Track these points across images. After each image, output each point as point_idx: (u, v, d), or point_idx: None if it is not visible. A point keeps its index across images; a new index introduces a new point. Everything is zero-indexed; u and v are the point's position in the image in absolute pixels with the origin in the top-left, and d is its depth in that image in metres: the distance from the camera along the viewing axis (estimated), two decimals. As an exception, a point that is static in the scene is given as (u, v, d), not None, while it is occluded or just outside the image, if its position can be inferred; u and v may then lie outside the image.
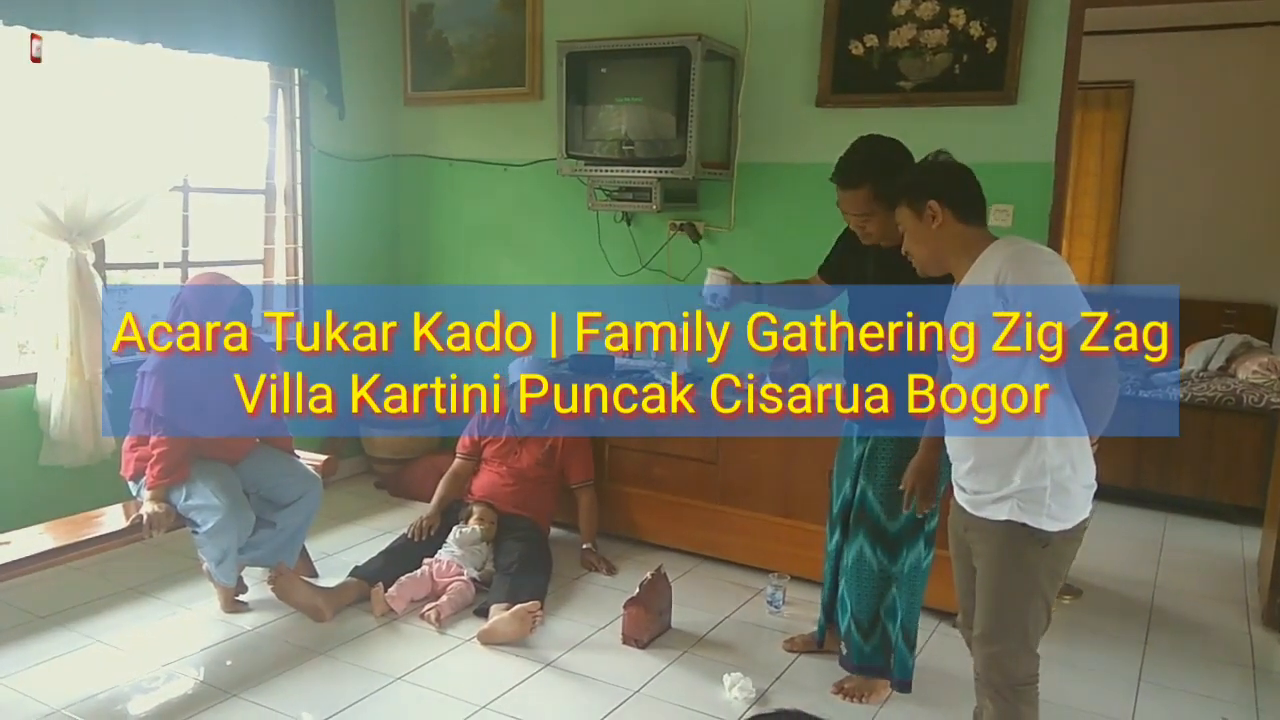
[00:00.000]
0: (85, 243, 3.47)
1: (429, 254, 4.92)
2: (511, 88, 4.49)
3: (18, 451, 3.46)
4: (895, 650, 2.75)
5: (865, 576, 2.72)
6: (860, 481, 2.71)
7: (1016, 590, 2.05)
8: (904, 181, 2.18)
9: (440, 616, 3.19)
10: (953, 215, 2.09)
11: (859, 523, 2.71)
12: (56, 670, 2.84)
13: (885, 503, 2.66)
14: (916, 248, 2.16)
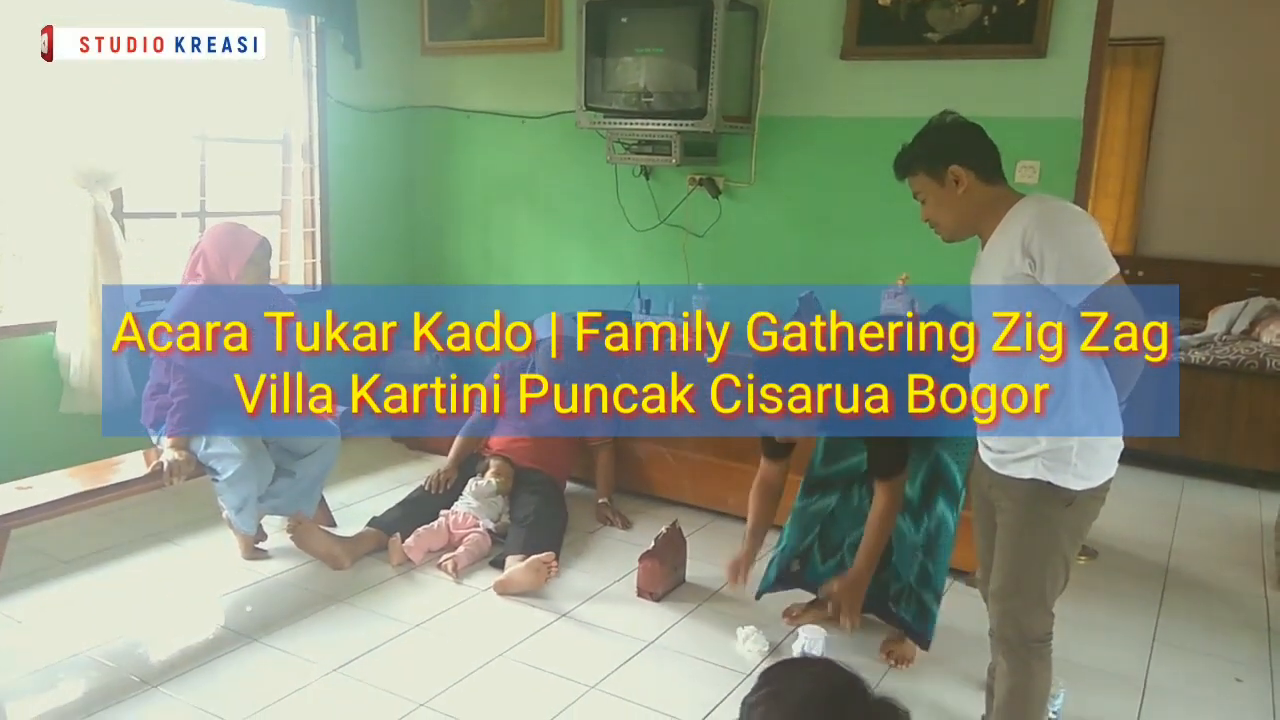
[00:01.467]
0: (103, 190, 3.46)
1: (446, 206, 4.90)
2: (530, 38, 4.42)
3: (38, 399, 3.49)
4: (927, 610, 2.73)
5: (903, 546, 2.75)
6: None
7: (1037, 547, 2.04)
8: (916, 150, 2.10)
9: (457, 567, 3.22)
10: (976, 177, 2.03)
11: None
12: (79, 614, 2.89)
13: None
14: (943, 215, 2.09)
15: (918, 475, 2.67)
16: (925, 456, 2.67)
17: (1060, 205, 1.98)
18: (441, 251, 4.95)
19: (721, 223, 4.11)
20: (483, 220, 4.80)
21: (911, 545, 2.72)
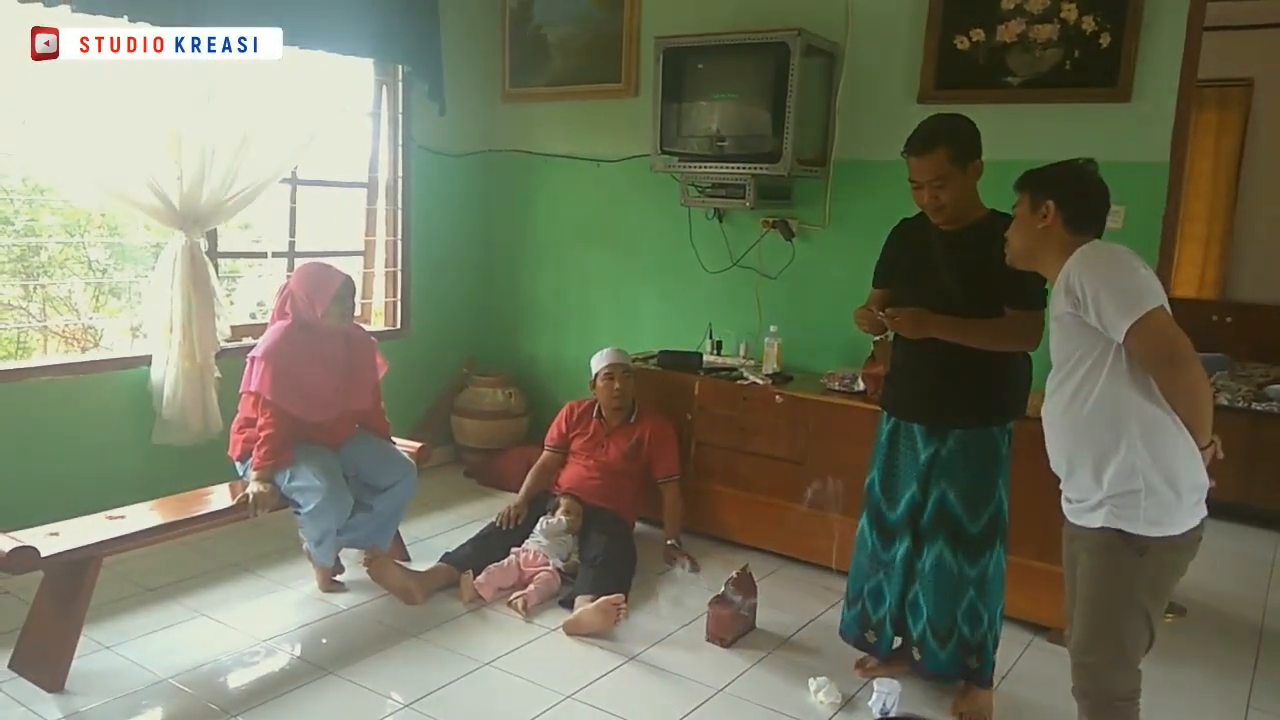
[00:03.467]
0: (199, 231, 3.62)
1: (523, 247, 4.99)
2: (607, 84, 4.52)
3: (132, 430, 3.63)
4: (985, 653, 2.67)
5: (944, 581, 2.65)
6: (935, 484, 2.64)
7: (1113, 600, 2.00)
8: (1037, 173, 2.16)
9: (527, 605, 3.24)
10: (1062, 221, 2.07)
11: (937, 527, 2.64)
12: (163, 641, 2.98)
13: (968, 504, 2.60)
14: (1016, 237, 2.18)
15: (983, 515, 2.61)
16: (992, 498, 2.61)
17: (1102, 246, 2.03)
18: (517, 292, 5.05)
19: (795, 265, 4.11)
20: (558, 261, 4.89)
21: (961, 580, 2.64)
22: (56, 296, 4.96)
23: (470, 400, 4.82)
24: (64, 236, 4.78)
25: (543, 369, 4.98)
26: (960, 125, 2.54)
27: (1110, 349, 1.95)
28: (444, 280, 4.88)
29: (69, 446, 3.47)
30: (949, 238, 2.59)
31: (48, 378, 3.46)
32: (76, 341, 4.75)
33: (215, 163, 3.60)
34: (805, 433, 3.68)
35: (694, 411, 3.95)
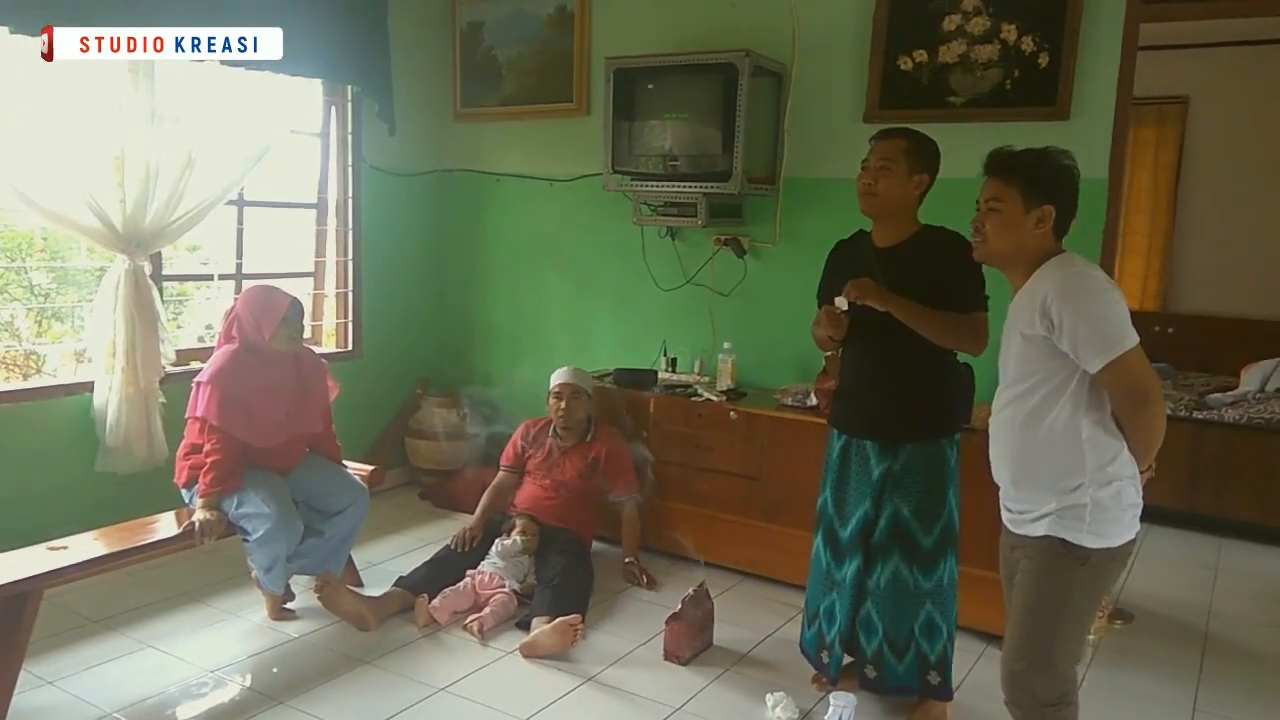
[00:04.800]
0: (142, 254, 3.55)
1: (476, 267, 4.98)
2: (559, 104, 4.53)
3: (74, 458, 3.54)
4: (945, 666, 2.70)
5: (901, 596, 2.67)
6: (888, 500, 2.67)
7: (1048, 606, 2.03)
8: (1037, 167, 2.04)
9: (483, 628, 3.20)
10: (1053, 228, 2.04)
11: (891, 543, 2.67)
12: (108, 674, 2.90)
13: (921, 518, 2.64)
14: (1001, 236, 2.05)
15: (935, 528, 2.64)
16: (943, 510, 2.65)
17: (1083, 273, 1.98)
18: (470, 310, 5.02)
19: (747, 282, 4.14)
20: (511, 280, 4.88)
21: (917, 594, 2.66)
22: (-4, 323, 4.83)
23: (424, 421, 4.78)
24: (4, 261, 4.67)
25: (497, 390, 4.95)
26: (927, 138, 2.64)
27: (1075, 375, 1.96)
28: (396, 301, 4.85)
29: (8, 475, 3.37)
30: (884, 254, 2.64)
31: (-13, 405, 3.36)
32: (18, 368, 4.62)
33: (159, 184, 3.55)
34: (760, 448, 3.70)
35: (650, 429, 3.95)
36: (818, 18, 3.86)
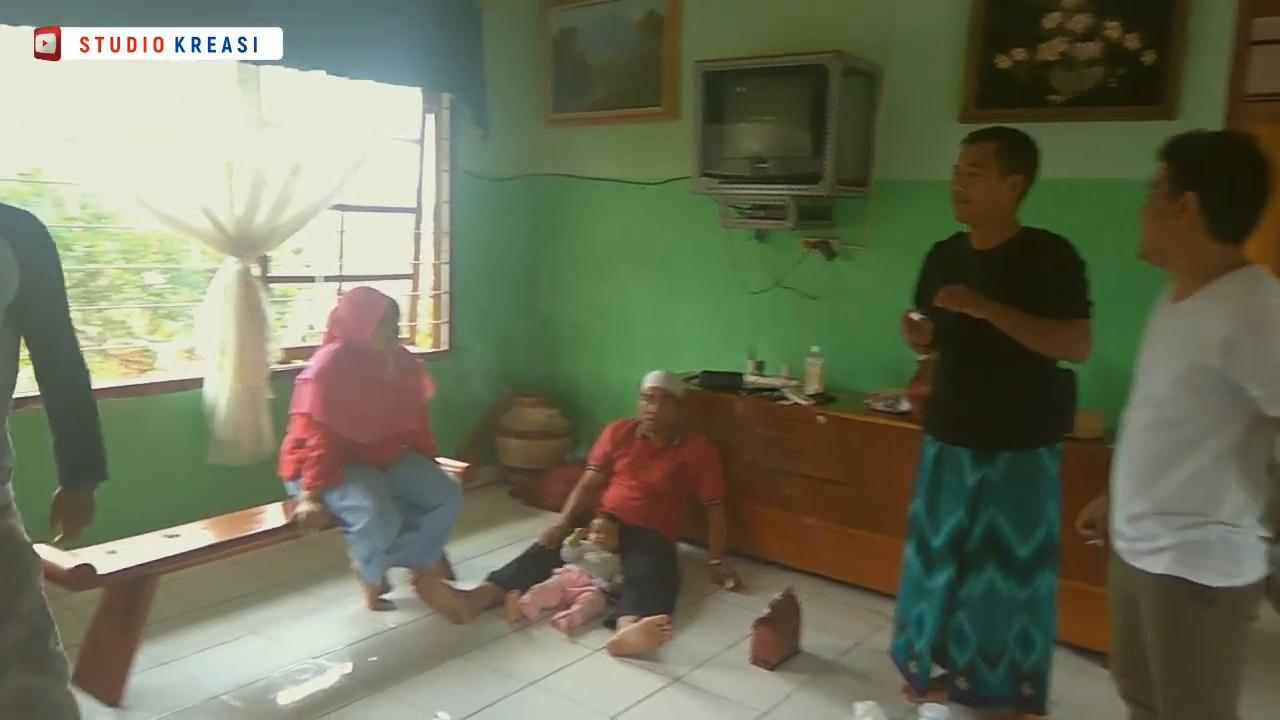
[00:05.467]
0: (251, 256, 3.71)
1: (564, 269, 5.05)
2: (648, 108, 4.57)
3: (186, 450, 3.72)
4: (1039, 679, 2.64)
5: (995, 607, 2.61)
6: (984, 509, 2.61)
7: (1184, 655, 1.84)
8: (1186, 146, 1.82)
9: (571, 625, 3.25)
10: (1202, 223, 1.77)
11: (986, 553, 2.61)
12: (218, 657, 3.04)
13: (1018, 527, 2.57)
14: (1150, 224, 1.87)
15: (1032, 538, 2.57)
16: (1042, 521, 2.58)
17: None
18: (559, 312, 5.10)
19: (837, 285, 4.11)
20: (599, 282, 4.93)
21: (1012, 605, 2.60)
22: (114, 320, 5.11)
23: (514, 420, 4.87)
24: (122, 262, 4.93)
25: (584, 389, 5.02)
26: (1021, 135, 2.54)
27: (1243, 415, 1.75)
28: (488, 302, 4.95)
29: (126, 466, 3.53)
30: (983, 258, 2.57)
31: (106, 399, 3.54)
32: (134, 364, 4.88)
33: (268, 189, 3.70)
34: (849, 453, 3.66)
35: (736, 432, 3.95)
36: (913, 17, 3.81)
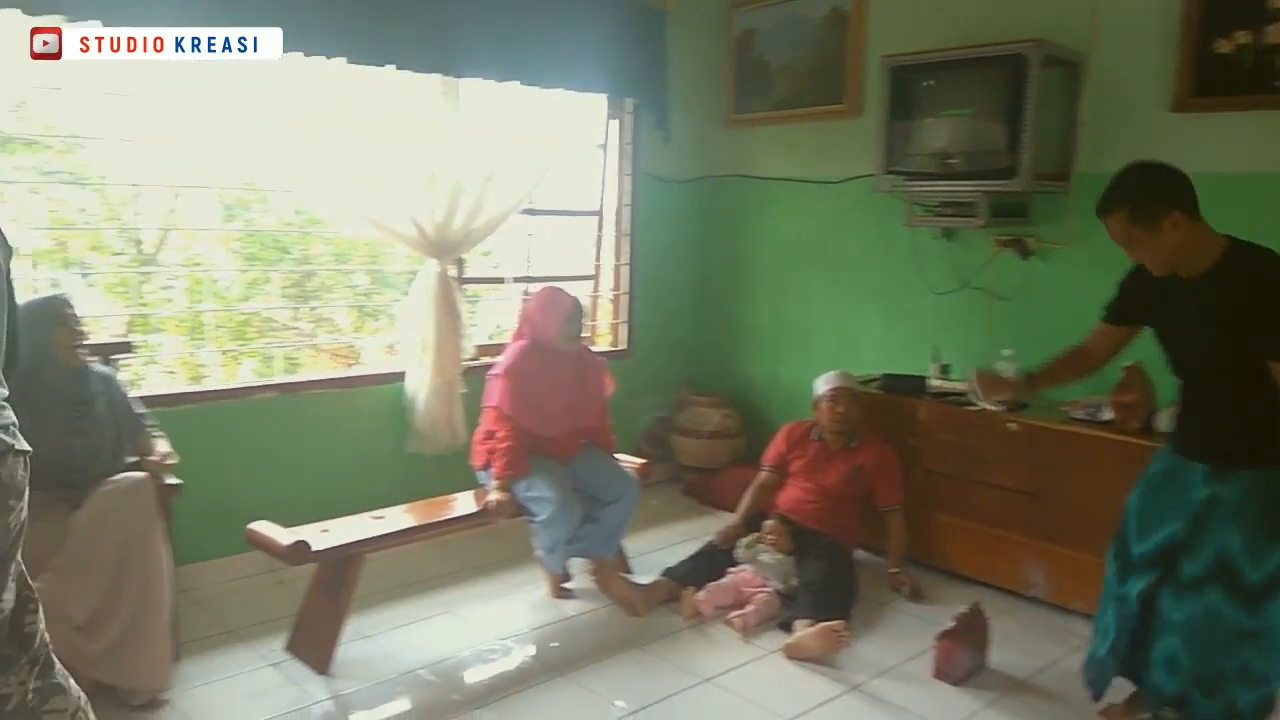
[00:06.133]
0: (449, 259, 3.94)
1: (741, 269, 5.06)
2: (829, 105, 4.50)
3: (388, 439, 3.99)
4: (1258, 716, 2.41)
5: (1218, 633, 2.39)
6: (1215, 530, 2.40)
7: None
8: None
9: (746, 625, 3.26)
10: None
11: (1211, 575, 2.39)
12: (414, 634, 3.24)
13: (1252, 551, 2.35)
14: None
15: (1267, 562, 2.34)
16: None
17: None
18: (735, 312, 5.11)
19: (1031, 285, 3.91)
20: (776, 283, 4.91)
21: (1236, 633, 2.37)
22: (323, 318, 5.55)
23: (689, 420, 4.92)
24: (333, 264, 5.35)
25: (759, 390, 5.01)
26: (1145, 181, 2.33)
27: None
28: (666, 302, 5.03)
29: (335, 451, 3.86)
30: (1191, 287, 2.37)
31: (318, 390, 3.88)
32: (341, 358, 5.29)
33: (465, 196, 3.91)
34: (1042, 464, 3.47)
35: (918, 437, 3.83)
36: (1119, 1, 3.57)
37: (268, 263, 5.22)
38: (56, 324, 2.70)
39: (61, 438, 2.68)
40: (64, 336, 2.71)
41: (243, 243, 5.30)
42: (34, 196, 5.14)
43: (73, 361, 2.75)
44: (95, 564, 2.58)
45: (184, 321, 5.11)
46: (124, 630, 2.59)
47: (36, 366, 2.64)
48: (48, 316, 2.70)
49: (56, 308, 2.73)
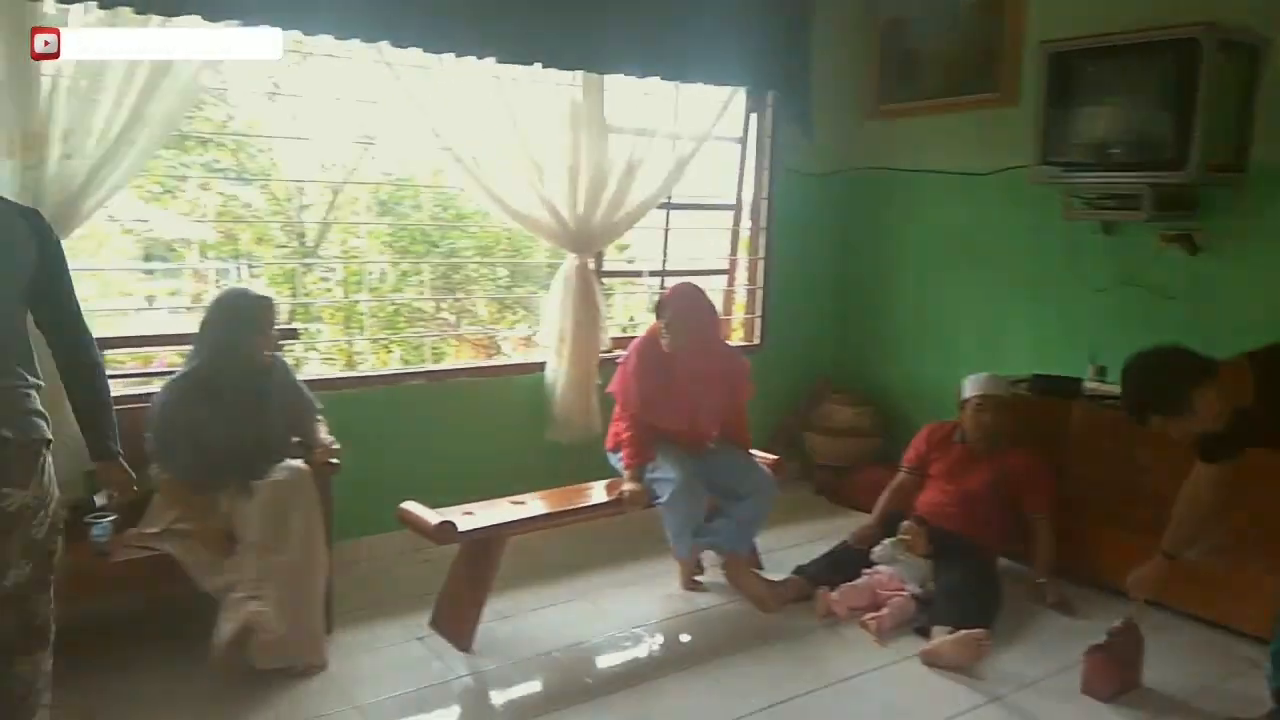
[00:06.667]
0: (589, 252, 4.01)
1: (880, 265, 4.93)
2: (981, 94, 4.33)
3: (528, 427, 4.09)
4: None
5: None
6: None
7: None
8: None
9: (881, 628, 3.19)
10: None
11: None
12: (550, 617, 3.33)
13: None
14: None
15: None
16: None
17: None
18: (873, 308, 4.99)
19: (1200, 283, 3.65)
20: (917, 278, 4.76)
21: None
22: (466, 309, 5.76)
23: (823, 417, 4.85)
24: (477, 257, 5.54)
25: (898, 389, 4.87)
26: (1154, 382, 2.48)
27: None
28: (801, 298, 4.97)
29: (477, 437, 4.00)
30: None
31: (463, 378, 4.03)
32: (482, 348, 5.48)
33: (605, 190, 3.97)
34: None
35: (1070, 442, 3.65)
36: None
37: (418, 255, 5.46)
38: (256, 332, 2.88)
39: (238, 428, 2.88)
40: (265, 343, 2.90)
41: (394, 236, 5.57)
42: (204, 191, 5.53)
43: (262, 363, 2.94)
44: (263, 547, 2.76)
45: (340, 310, 5.42)
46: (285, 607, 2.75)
47: (227, 358, 2.83)
48: (251, 322, 2.88)
49: (262, 314, 2.89)
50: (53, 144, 2.82)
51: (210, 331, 2.88)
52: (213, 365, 2.84)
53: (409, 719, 2.66)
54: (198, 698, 2.69)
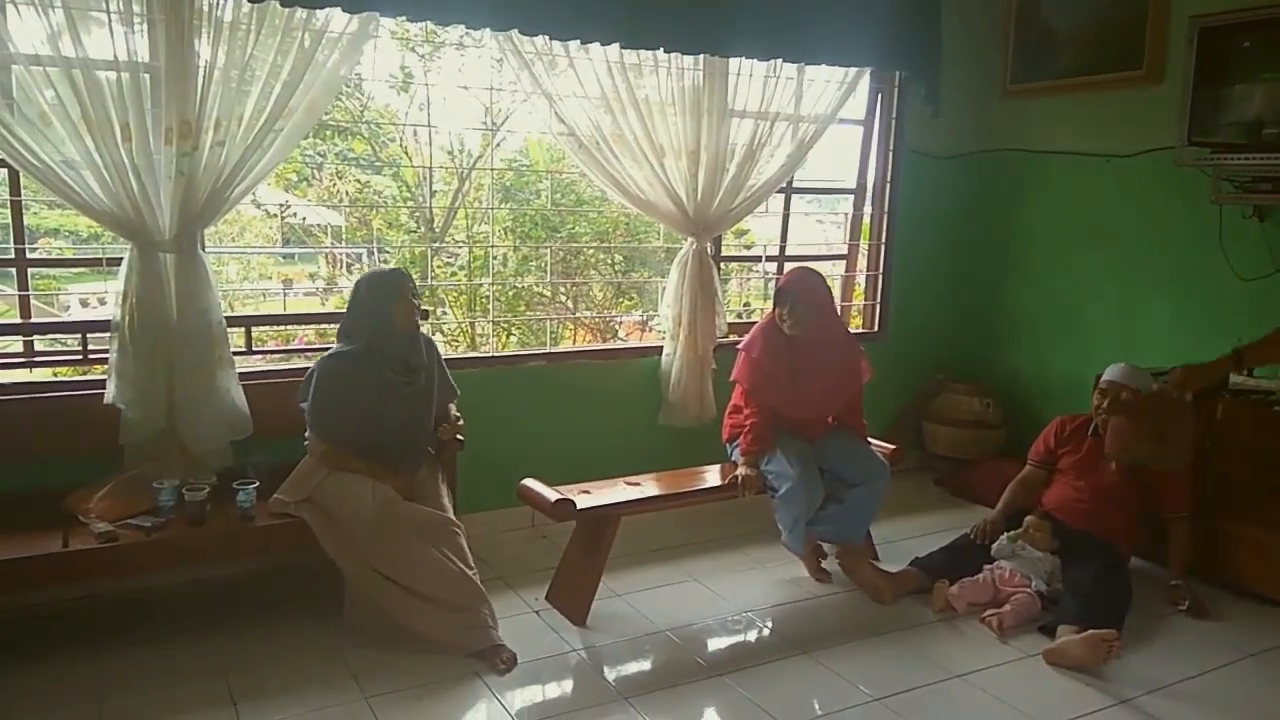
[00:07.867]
0: (707, 237, 4.01)
1: (1009, 251, 4.76)
2: (1123, 72, 4.11)
3: (644, 410, 4.15)
4: None
5: None
6: None
7: None
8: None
9: (1002, 625, 3.10)
10: None
11: None
12: (662, 597, 3.37)
13: None
14: None
15: None
16: None
17: None
18: (1000, 296, 4.82)
19: (1364, 274, 3.39)
20: (1049, 264, 4.57)
21: None
22: (583, 293, 5.85)
23: (944, 408, 4.72)
24: (595, 242, 5.61)
25: (1025, 381, 4.70)
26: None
27: None
28: (923, 284, 4.85)
29: (593, 418, 4.07)
30: None
31: (581, 361, 4.10)
32: (598, 332, 5.56)
33: (725, 175, 3.96)
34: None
35: (1213, 439, 3.45)
36: None
37: (538, 240, 5.58)
38: (398, 296, 3.02)
39: (394, 405, 3.01)
40: (404, 308, 3.03)
41: (516, 222, 5.70)
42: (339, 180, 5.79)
43: (409, 328, 3.07)
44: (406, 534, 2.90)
45: (464, 293, 5.59)
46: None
47: (382, 333, 2.98)
48: (392, 289, 3.02)
49: (399, 281, 3.05)
50: (206, 132, 3.01)
51: (360, 306, 3.02)
52: (370, 343, 2.98)
53: (525, 688, 2.74)
54: (327, 655, 2.84)
